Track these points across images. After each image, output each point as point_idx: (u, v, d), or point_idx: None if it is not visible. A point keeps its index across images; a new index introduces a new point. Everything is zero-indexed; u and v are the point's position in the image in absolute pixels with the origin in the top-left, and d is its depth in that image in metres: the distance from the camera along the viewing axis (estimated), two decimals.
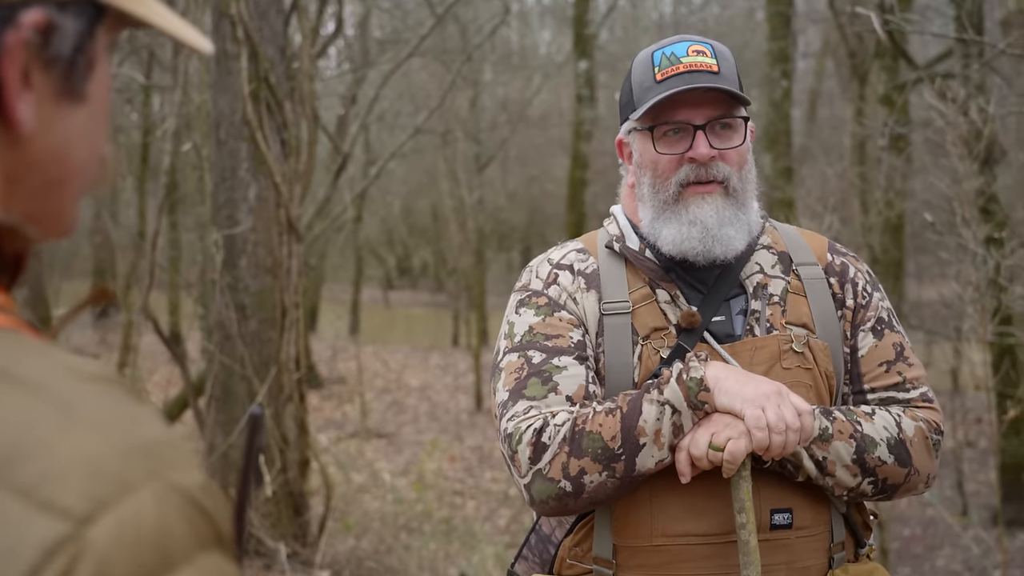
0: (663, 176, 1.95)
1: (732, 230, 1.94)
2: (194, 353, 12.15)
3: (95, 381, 0.71)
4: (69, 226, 0.82)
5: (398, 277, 35.98)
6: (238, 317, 6.06)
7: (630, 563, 1.88)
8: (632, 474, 1.80)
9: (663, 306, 1.95)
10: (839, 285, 2.03)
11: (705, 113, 1.93)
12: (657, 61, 1.96)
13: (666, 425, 1.79)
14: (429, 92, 17.26)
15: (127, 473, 0.66)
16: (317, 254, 17.90)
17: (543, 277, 2.02)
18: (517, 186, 25.89)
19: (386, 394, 16.21)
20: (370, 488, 9.57)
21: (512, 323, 1.99)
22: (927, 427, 1.96)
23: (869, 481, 1.89)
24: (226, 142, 6.11)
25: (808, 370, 1.93)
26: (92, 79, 0.79)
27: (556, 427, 1.82)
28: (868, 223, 9.46)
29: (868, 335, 2.01)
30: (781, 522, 1.88)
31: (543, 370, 1.89)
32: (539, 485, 1.82)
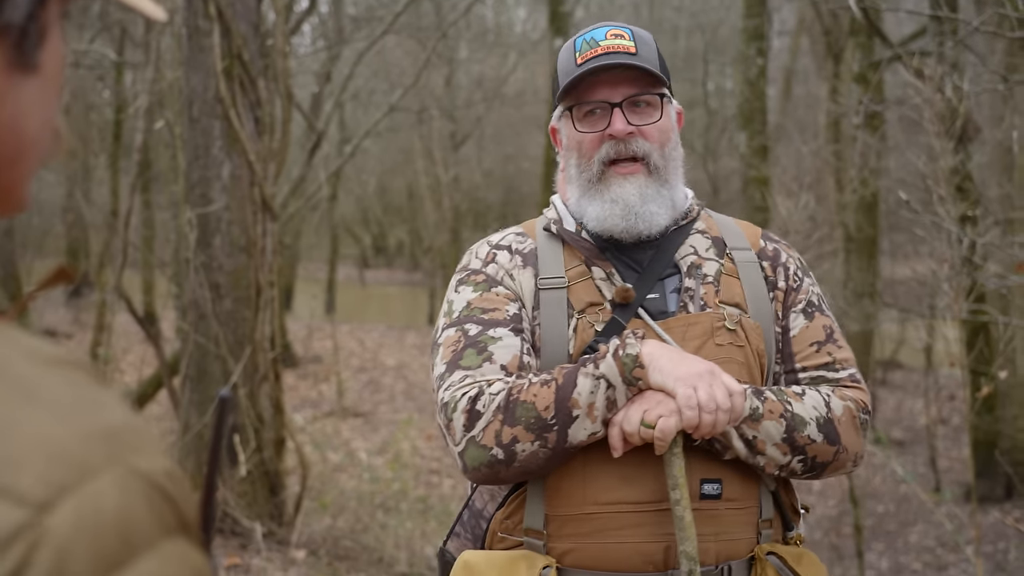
0: (587, 155, 2.03)
1: (655, 206, 2.01)
2: (168, 332, 12.10)
3: (55, 364, 0.69)
4: (22, 202, 0.79)
5: (374, 256, 35.92)
6: (212, 296, 6.02)
7: (561, 532, 1.90)
8: (564, 445, 1.83)
9: (598, 283, 2.00)
10: (771, 269, 2.09)
11: (622, 92, 2.00)
12: (578, 46, 2.03)
13: (600, 399, 1.81)
14: (404, 70, 17.18)
15: (87, 458, 0.64)
16: (292, 233, 17.83)
17: (482, 257, 2.08)
18: (493, 164, 25.88)
19: (362, 373, 16.19)
20: (346, 467, 9.56)
21: (451, 301, 2.04)
22: (855, 407, 2.00)
23: (799, 459, 1.93)
24: (199, 120, 6.06)
25: (740, 347, 1.97)
26: (45, 48, 0.76)
27: (491, 395, 1.85)
28: (843, 201, 9.51)
29: (799, 316, 2.07)
30: (711, 492, 1.91)
31: (479, 341, 1.93)
32: (472, 452, 1.85)
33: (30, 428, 0.63)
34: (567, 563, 1.90)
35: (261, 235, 6.15)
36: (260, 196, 6.13)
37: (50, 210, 19.82)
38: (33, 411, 0.64)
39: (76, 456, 0.63)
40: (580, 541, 1.89)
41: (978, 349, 7.51)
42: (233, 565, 5.53)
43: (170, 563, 0.66)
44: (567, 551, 1.90)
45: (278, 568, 5.73)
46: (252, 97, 6.12)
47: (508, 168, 26.87)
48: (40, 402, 0.65)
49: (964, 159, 6.63)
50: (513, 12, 28.93)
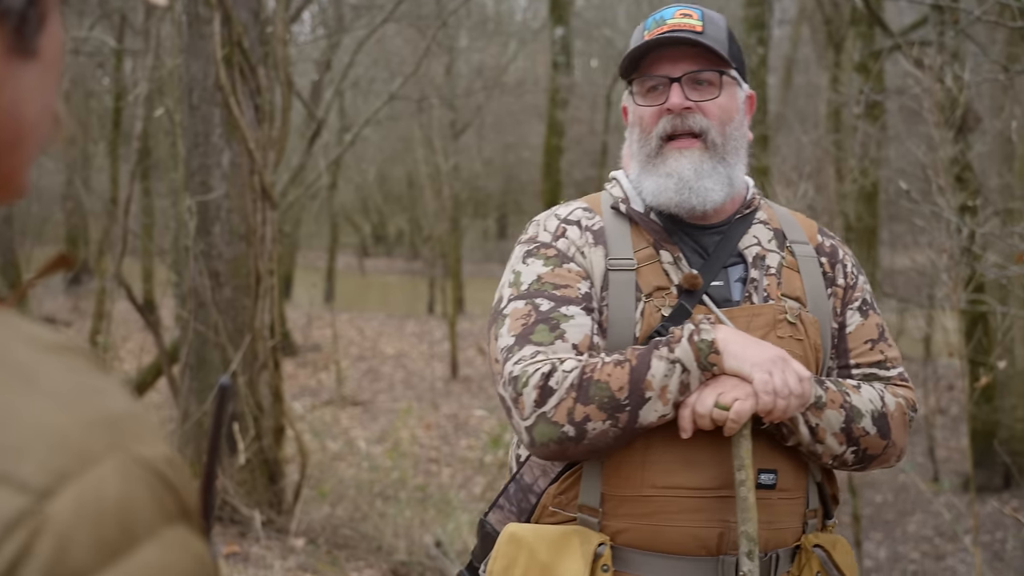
0: (646, 130, 2.04)
1: (710, 182, 2.01)
2: (168, 320, 12.10)
3: (56, 351, 0.69)
4: (22, 188, 0.79)
5: (373, 244, 35.90)
6: (212, 284, 6.02)
7: (617, 511, 1.92)
8: (634, 426, 1.85)
9: (666, 267, 2.01)
10: (830, 265, 2.12)
11: (683, 67, 2.01)
12: (647, 25, 2.06)
13: (674, 382, 1.84)
14: (404, 58, 17.15)
15: (89, 445, 0.64)
16: (292, 221, 17.82)
17: (551, 230, 2.07)
18: (493, 153, 25.85)
19: (361, 362, 16.20)
20: (345, 456, 9.57)
21: (519, 272, 2.03)
22: (905, 404, 2.05)
23: (852, 450, 1.97)
24: (199, 107, 6.05)
25: (799, 341, 2.00)
26: (44, 34, 0.76)
27: (564, 373, 1.86)
28: (843, 191, 9.50)
29: (856, 314, 2.10)
30: (766, 482, 1.94)
31: (551, 317, 1.94)
32: (542, 427, 1.86)
33: (31, 415, 0.63)
34: (620, 542, 1.92)
35: (261, 223, 6.15)
36: (260, 184, 6.13)
37: (49, 197, 19.80)
38: (34, 398, 0.64)
39: (77, 443, 0.63)
40: (636, 522, 1.91)
41: (977, 339, 7.51)
42: (232, 553, 5.54)
43: (171, 550, 0.66)
44: (621, 530, 1.92)
45: (277, 556, 5.74)
46: (252, 85, 6.11)
47: (508, 157, 26.83)
48: (41, 389, 0.65)
49: (964, 149, 6.62)
50: (514, 1, 28.87)
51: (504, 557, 1.94)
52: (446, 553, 6.27)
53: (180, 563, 0.66)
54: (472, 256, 30.72)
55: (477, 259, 32.33)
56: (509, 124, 25.08)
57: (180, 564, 0.66)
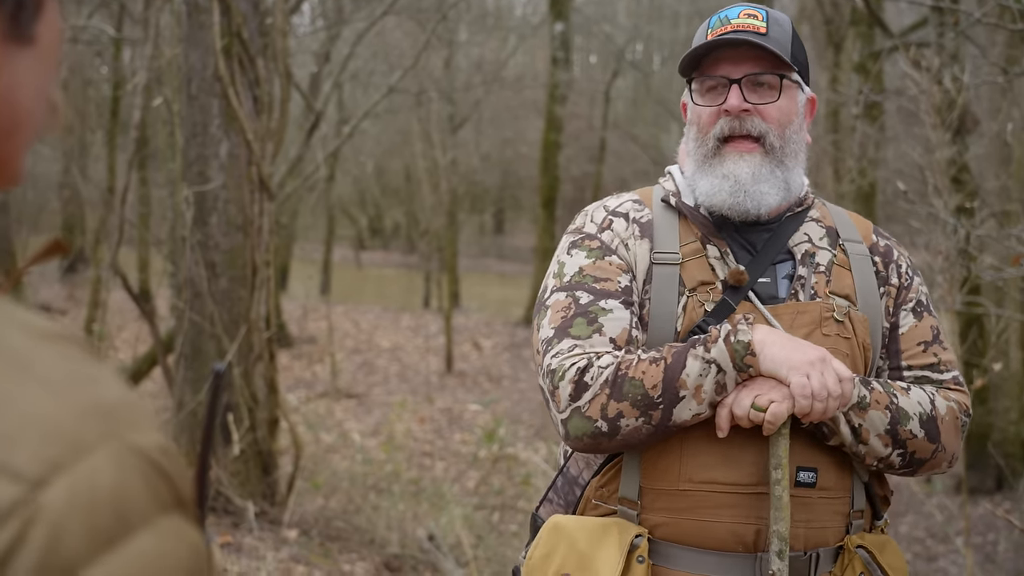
0: (704, 130, 2.03)
1: (766, 186, 2.00)
2: (163, 310, 12.09)
3: (50, 339, 0.68)
4: (17, 175, 0.78)
5: (370, 237, 35.87)
6: (208, 275, 6.02)
7: (654, 505, 1.93)
8: (668, 424, 1.86)
9: (712, 261, 2.01)
10: (883, 265, 2.10)
11: (744, 69, 1.99)
12: (711, 23, 2.04)
13: (709, 383, 1.84)
14: (403, 51, 17.12)
15: (83, 434, 0.64)
16: (289, 213, 17.80)
17: (597, 222, 2.07)
18: (491, 148, 25.82)
19: (356, 354, 16.19)
20: (339, 448, 9.58)
21: (563, 263, 2.04)
22: (958, 408, 2.02)
23: (899, 453, 1.95)
24: (197, 97, 6.04)
25: (847, 339, 1.99)
26: (41, 20, 0.75)
27: (600, 369, 1.87)
28: (840, 191, 9.50)
29: (909, 315, 2.08)
30: (806, 480, 1.93)
31: (589, 311, 1.95)
32: (576, 422, 1.87)
33: (25, 404, 0.63)
34: (658, 535, 1.93)
35: (258, 214, 6.14)
36: (257, 175, 6.12)
37: (46, 186, 19.77)
38: (28, 386, 0.64)
39: (71, 432, 0.63)
40: (673, 516, 1.92)
41: (971, 341, 7.52)
42: (225, 543, 5.54)
43: (166, 539, 0.66)
44: (659, 524, 1.93)
45: (270, 547, 5.74)
46: (251, 76, 6.10)
47: (506, 152, 26.81)
48: (35, 377, 0.65)
49: (961, 150, 6.62)
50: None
51: (545, 545, 1.96)
52: (439, 547, 6.27)
53: (175, 552, 0.66)
54: (468, 251, 30.71)
55: (473, 254, 32.33)
56: (507, 119, 25.05)
57: (175, 553, 0.66)
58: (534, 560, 1.97)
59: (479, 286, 26.23)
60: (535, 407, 12.50)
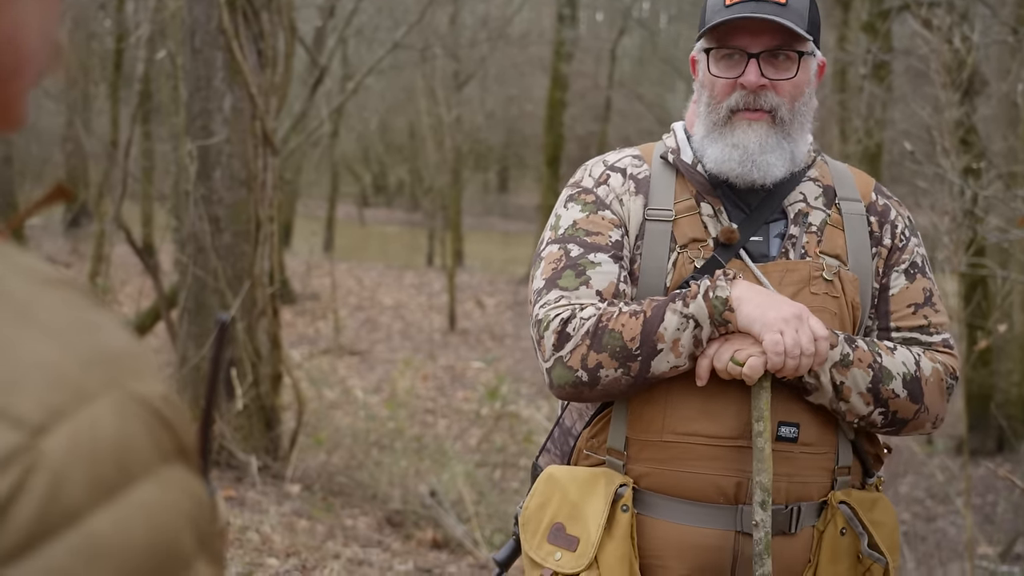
0: (717, 99, 2.03)
1: (773, 157, 2.01)
2: (167, 265, 12.09)
3: (53, 285, 0.67)
4: (21, 118, 0.77)
5: (374, 194, 35.80)
6: (212, 230, 6.01)
7: (640, 456, 1.98)
8: (647, 375, 1.90)
9: (705, 219, 2.03)
10: (878, 225, 2.10)
11: (763, 42, 1.99)
12: None
13: (687, 337, 1.88)
14: (408, 7, 16.99)
15: (85, 382, 0.63)
16: (292, 168, 17.75)
17: (595, 176, 2.11)
18: (495, 106, 25.69)
19: (360, 312, 16.21)
20: (342, 404, 9.61)
21: (559, 216, 2.09)
22: (943, 370, 2.04)
23: (880, 412, 1.97)
24: (201, 51, 6.00)
25: (835, 298, 2.00)
26: None
27: (582, 320, 1.92)
28: (847, 151, 9.45)
29: (901, 276, 2.09)
30: (787, 435, 1.95)
31: (579, 263, 1.99)
32: (559, 371, 1.93)
33: (27, 350, 0.62)
34: (644, 485, 1.98)
35: (262, 169, 6.13)
36: (261, 130, 6.10)
37: (49, 139, 19.71)
38: (30, 332, 0.63)
39: (73, 380, 0.62)
40: (657, 466, 1.96)
41: (975, 302, 7.51)
42: (228, 497, 5.58)
43: (168, 489, 0.65)
44: (644, 474, 1.97)
45: (273, 502, 5.77)
46: (255, 29, 6.06)
47: (511, 110, 26.68)
48: (37, 323, 0.64)
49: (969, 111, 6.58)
50: None
51: (540, 495, 2.03)
52: (440, 503, 6.31)
53: (177, 502, 0.65)
54: (472, 209, 30.65)
55: (477, 212, 32.26)
56: (513, 76, 24.89)
57: (176, 503, 0.65)
58: (530, 510, 2.04)
59: (483, 244, 26.20)
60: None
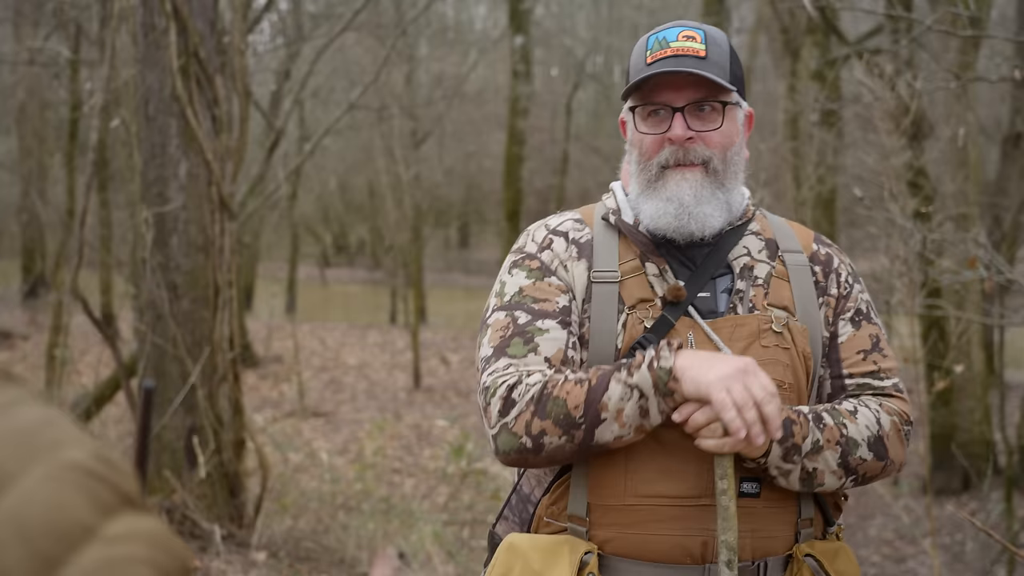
0: (647, 156, 2.03)
1: (709, 208, 2.01)
2: (126, 333, 11.98)
3: None
4: None
5: (335, 254, 35.75)
6: (170, 296, 5.97)
7: (603, 521, 1.94)
8: (590, 443, 1.87)
9: (651, 279, 2.02)
10: (823, 274, 2.11)
11: (686, 96, 1.99)
12: (650, 45, 2.02)
13: (631, 407, 1.85)
14: (364, 67, 17.10)
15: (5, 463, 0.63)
16: (251, 232, 17.71)
17: (538, 241, 2.10)
18: (454, 162, 25.82)
19: (323, 372, 16.11)
20: (307, 468, 9.52)
21: (504, 283, 2.07)
22: (900, 420, 2.05)
23: (851, 479, 1.99)
24: (155, 118, 6.00)
25: (786, 350, 2.00)
26: None
27: (528, 386, 1.90)
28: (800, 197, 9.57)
29: (848, 324, 2.09)
30: (749, 491, 1.94)
31: (527, 331, 1.97)
32: (504, 437, 1.91)
33: None
34: (608, 551, 1.95)
35: (219, 234, 6.11)
36: (218, 195, 6.09)
37: (5, 209, 19.58)
38: None
39: None
40: (621, 531, 1.94)
41: (932, 343, 7.58)
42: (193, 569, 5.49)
43: (118, 543, 0.64)
44: (608, 539, 1.94)
45: (238, 571, 5.69)
46: (209, 95, 6.07)
47: (469, 166, 26.82)
48: None
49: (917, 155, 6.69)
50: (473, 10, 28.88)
51: (502, 565, 1.99)
52: (409, 564, 6.24)
53: (131, 553, 0.65)
54: (434, 265, 30.67)
55: (439, 268, 32.29)
56: (470, 133, 25.06)
57: (130, 554, 0.65)
58: None
59: (445, 300, 26.19)
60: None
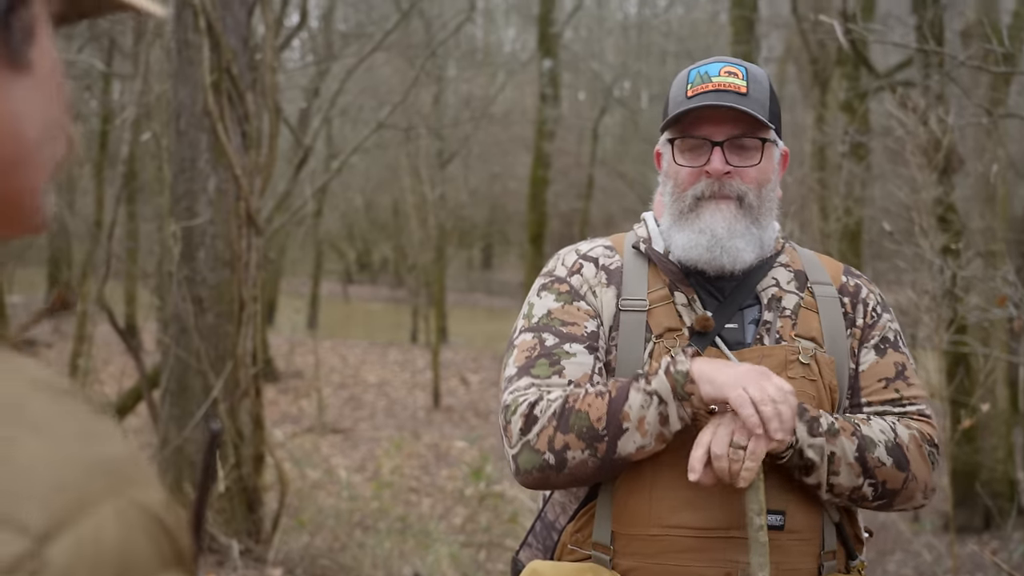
0: (682, 187, 2.04)
1: (742, 242, 2.01)
2: (149, 344, 12.04)
3: (56, 393, 0.69)
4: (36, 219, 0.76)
5: (358, 272, 35.84)
6: (195, 310, 6.00)
7: (626, 550, 1.94)
8: (613, 456, 1.87)
9: (679, 308, 2.02)
10: (851, 305, 2.10)
11: (726, 131, 1.99)
12: (691, 79, 2.03)
13: (651, 414, 1.85)
14: (393, 87, 17.19)
15: (88, 489, 0.64)
16: (276, 247, 17.78)
17: (568, 265, 2.10)
18: (479, 183, 25.88)
19: (343, 389, 16.14)
20: (325, 484, 9.52)
21: (532, 304, 2.08)
22: (920, 436, 2.01)
23: (870, 483, 1.94)
24: (186, 133, 6.04)
25: (812, 381, 1.99)
26: (34, 46, 0.73)
27: (549, 402, 1.90)
28: (827, 229, 9.54)
29: (871, 352, 2.08)
30: (774, 523, 1.93)
31: (553, 353, 1.98)
32: (525, 455, 1.90)
33: (31, 458, 0.63)
34: None
35: (246, 249, 6.14)
36: (245, 211, 6.12)
37: None
38: (36, 441, 0.64)
39: (77, 488, 0.64)
40: (644, 560, 1.93)
41: (959, 380, 7.53)
42: None
43: None
44: (632, 568, 1.94)
45: None
46: (240, 111, 6.11)
47: (494, 187, 26.87)
48: (41, 432, 0.65)
49: (947, 190, 6.66)
50: (502, 32, 29.02)
51: None
52: None
53: None
54: (456, 285, 30.71)
55: (461, 288, 32.32)
56: (496, 154, 25.12)
57: None
58: None
59: (467, 321, 26.20)
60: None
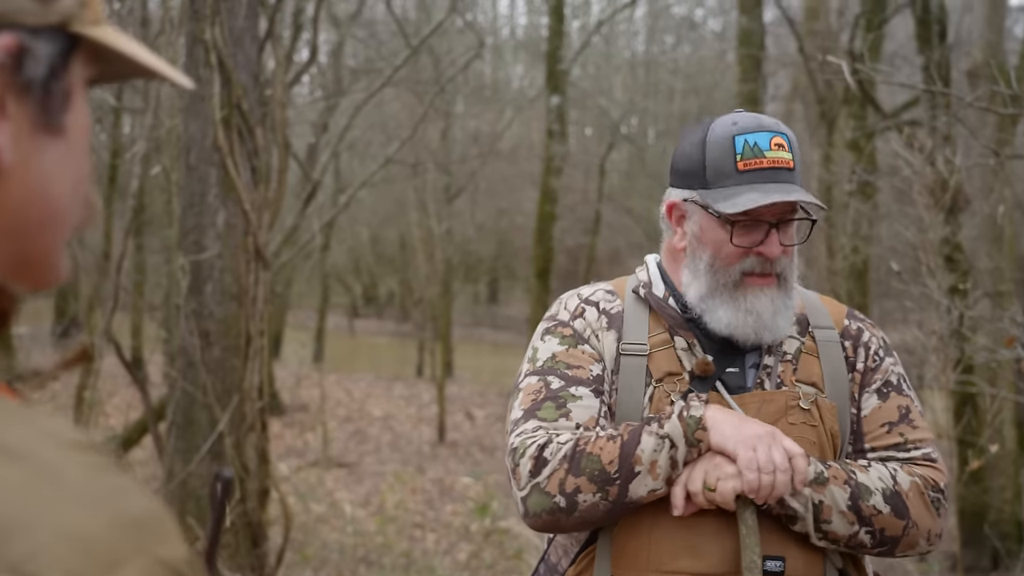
0: (726, 261, 1.99)
1: (782, 319, 2.01)
2: (156, 377, 12.03)
3: (79, 450, 0.69)
4: (57, 274, 0.78)
5: (364, 305, 35.85)
6: (202, 344, 6.00)
7: None
8: (624, 499, 1.87)
9: (679, 353, 2.02)
10: (852, 349, 2.09)
11: (780, 210, 1.97)
12: (740, 149, 1.96)
13: (663, 458, 1.86)
14: (401, 122, 17.28)
15: (113, 548, 0.64)
16: (283, 281, 17.81)
17: (571, 309, 2.11)
18: (486, 218, 25.95)
19: (348, 423, 16.10)
20: (329, 519, 9.48)
21: (536, 348, 2.08)
22: (923, 483, 1.99)
23: (866, 531, 1.92)
24: (196, 167, 6.08)
25: (813, 427, 1.99)
26: (70, 111, 0.75)
27: (559, 444, 1.90)
28: (834, 267, 9.54)
29: (872, 396, 2.07)
30: (774, 569, 1.92)
31: (559, 396, 1.98)
32: (535, 498, 1.90)
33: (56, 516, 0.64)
34: None
35: (253, 284, 6.15)
36: (254, 245, 6.14)
37: None
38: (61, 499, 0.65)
39: (102, 546, 0.64)
40: None
41: (966, 420, 7.50)
42: None
43: None
44: None
45: None
46: (250, 146, 6.14)
47: (501, 222, 26.93)
48: (67, 490, 0.65)
49: (954, 230, 6.67)
50: (511, 68, 29.17)
51: None
52: None
53: None
54: (462, 320, 30.69)
55: (467, 323, 32.29)
56: (503, 190, 25.20)
57: None
58: None
59: (473, 355, 26.17)
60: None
